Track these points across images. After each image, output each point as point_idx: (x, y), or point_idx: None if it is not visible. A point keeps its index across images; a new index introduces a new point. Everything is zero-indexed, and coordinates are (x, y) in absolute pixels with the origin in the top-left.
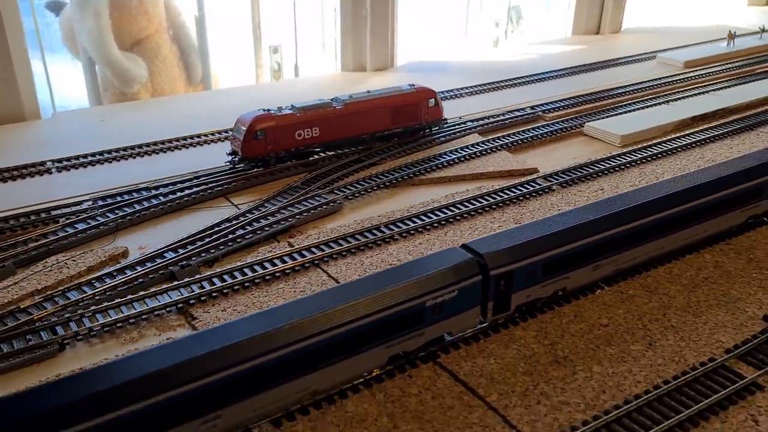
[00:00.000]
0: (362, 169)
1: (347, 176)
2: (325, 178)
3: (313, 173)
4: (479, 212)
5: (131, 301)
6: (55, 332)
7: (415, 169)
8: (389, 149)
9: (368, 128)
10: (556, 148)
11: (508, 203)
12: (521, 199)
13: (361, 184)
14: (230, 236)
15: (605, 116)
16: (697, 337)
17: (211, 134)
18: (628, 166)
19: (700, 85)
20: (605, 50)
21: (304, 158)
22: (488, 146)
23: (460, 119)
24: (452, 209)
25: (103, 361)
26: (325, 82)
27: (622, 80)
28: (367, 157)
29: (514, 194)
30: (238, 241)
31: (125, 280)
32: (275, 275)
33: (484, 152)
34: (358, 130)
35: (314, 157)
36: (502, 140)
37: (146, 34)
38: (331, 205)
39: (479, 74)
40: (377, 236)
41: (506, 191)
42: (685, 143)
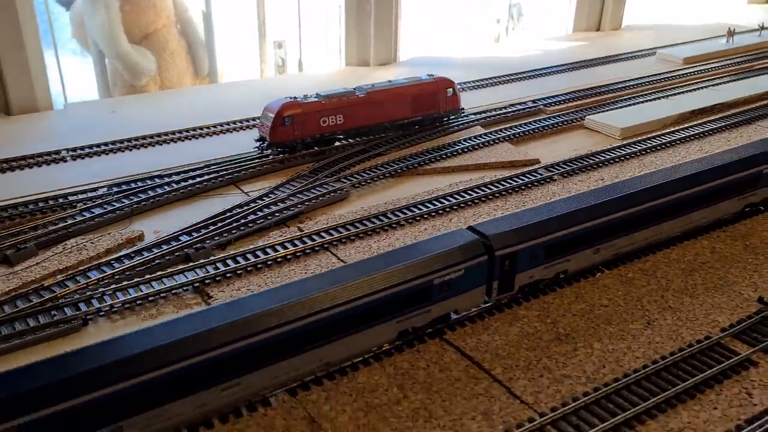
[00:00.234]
0: (368, 159)
1: (353, 166)
2: (332, 167)
3: (320, 163)
4: (482, 200)
5: (149, 280)
6: (78, 308)
7: (419, 159)
8: (394, 140)
9: (389, 116)
10: (557, 140)
11: (510, 192)
12: (523, 188)
13: (367, 173)
14: (242, 221)
15: (606, 110)
16: (693, 317)
17: (219, 125)
18: (628, 157)
19: (699, 80)
20: (605, 47)
21: (327, 144)
22: (491, 138)
23: (462, 112)
24: (456, 197)
25: None
26: (329, 76)
27: (622, 76)
28: (372, 147)
29: (516, 183)
30: (249, 225)
31: (142, 261)
32: (286, 258)
33: (486, 144)
34: (379, 117)
35: (337, 143)
36: (504, 132)
37: (154, 28)
38: (338, 192)
39: (481, 69)
40: (384, 222)
41: (508, 180)
42: (684, 136)
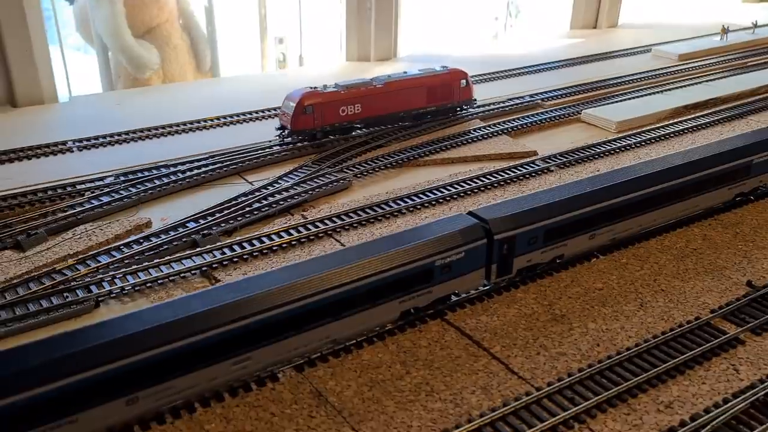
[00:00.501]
0: (369, 150)
1: (355, 156)
2: (334, 158)
3: (322, 154)
4: (481, 190)
5: (158, 264)
6: (89, 291)
7: (420, 150)
8: (394, 133)
9: (405, 106)
10: (554, 133)
11: (508, 182)
12: (521, 178)
13: (368, 163)
14: (247, 209)
15: (602, 104)
16: (684, 299)
17: (222, 118)
18: (623, 149)
19: (693, 76)
20: (602, 43)
21: (346, 133)
22: (490, 131)
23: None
24: (456, 187)
25: None
26: (330, 71)
27: (618, 71)
28: (373, 139)
29: (514, 174)
30: (254, 213)
31: (151, 246)
32: (291, 244)
33: (486, 136)
34: (396, 107)
35: (355, 132)
36: (502, 125)
37: (157, 22)
38: (341, 182)
39: (479, 65)
40: (386, 210)
41: (507, 171)
42: (678, 129)
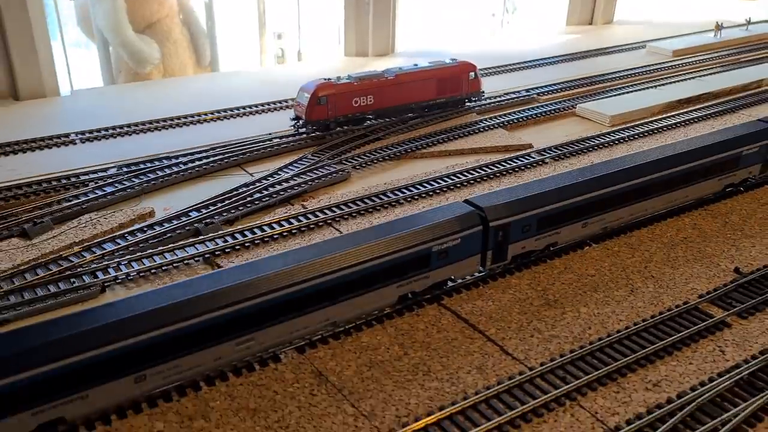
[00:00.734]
0: (368, 143)
1: (354, 149)
2: (333, 150)
3: (321, 146)
4: (478, 181)
5: (162, 252)
6: (95, 276)
7: (417, 143)
8: (392, 126)
9: (416, 97)
10: (549, 126)
11: (504, 174)
12: (516, 170)
13: (366, 156)
14: (248, 199)
15: (596, 99)
16: (674, 285)
17: (221, 111)
18: (616, 142)
19: (687, 71)
20: (597, 40)
21: (358, 124)
22: (486, 124)
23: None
24: (453, 178)
25: None
26: (329, 66)
27: (612, 67)
28: (372, 132)
29: (509, 166)
30: (255, 203)
31: (155, 234)
32: (291, 232)
33: (482, 129)
34: (406, 98)
35: (367, 122)
36: (498, 119)
37: (158, 17)
38: (340, 173)
39: (476, 60)
40: (384, 200)
41: (503, 163)
42: (670, 123)
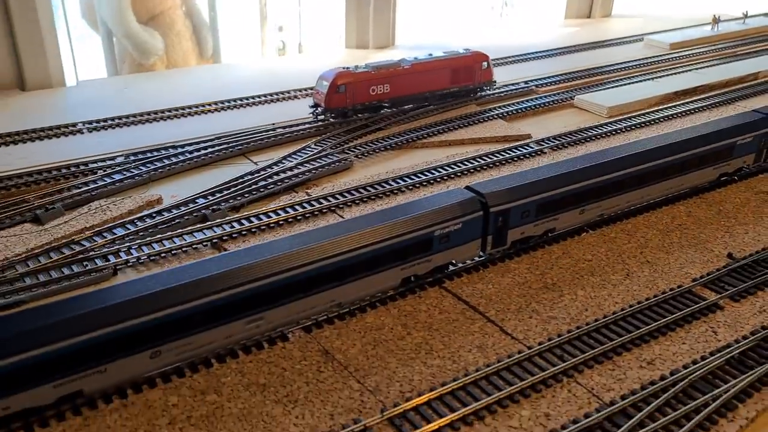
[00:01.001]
0: (369, 133)
1: (356, 139)
2: (335, 139)
3: (323, 136)
4: (477, 170)
5: (171, 237)
6: (107, 260)
7: (418, 133)
8: (393, 116)
9: (430, 86)
10: (548, 117)
11: (503, 163)
12: (515, 159)
13: (369, 145)
14: (253, 187)
15: (594, 90)
16: (668, 269)
17: (225, 102)
18: (614, 133)
19: (684, 64)
20: (595, 32)
21: (375, 111)
22: (485, 115)
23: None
24: (453, 167)
25: None
26: (329, 59)
27: (610, 59)
28: (373, 122)
29: (509, 155)
30: (260, 190)
31: (164, 220)
32: (296, 218)
33: (481, 120)
34: (421, 87)
35: (384, 111)
36: (498, 110)
37: (161, 9)
38: (343, 162)
39: None
40: (386, 188)
41: (502, 153)
42: (667, 114)
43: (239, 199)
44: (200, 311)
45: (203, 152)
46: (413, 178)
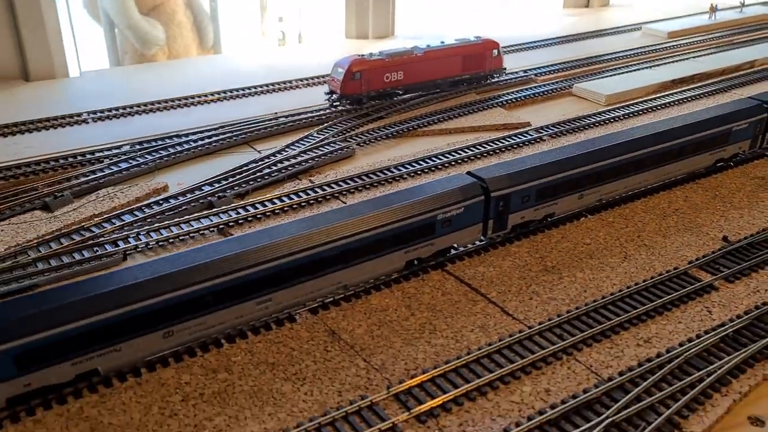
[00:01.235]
0: (370, 122)
1: (357, 127)
2: (337, 128)
3: (325, 125)
4: (478, 157)
5: (178, 223)
6: (117, 245)
7: (419, 121)
8: (394, 105)
9: (442, 73)
10: (546, 106)
11: (503, 150)
12: (515, 147)
13: (370, 133)
14: (257, 174)
15: (593, 79)
16: (665, 252)
17: (226, 92)
18: (612, 120)
19: (681, 52)
20: (594, 22)
21: (389, 98)
22: (485, 104)
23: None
24: (454, 154)
25: None
26: (331, 48)
27: (609, 48)
28: (374, 111)
29: (508, 143)
30: (265, 178)
31: (171, 207)
32: (300, 205)
33: (481, 108)
34: (434, 74)
35: (397, 97)
36: (497, 99)
37: (162, 0)
38: (345, 150)
39: None
40: (388, 175)
41: (502, 140)
42: (664, 102)
43: (244, 186)
44: (211, 292)
45: (207, 141)
46: (414, 165)
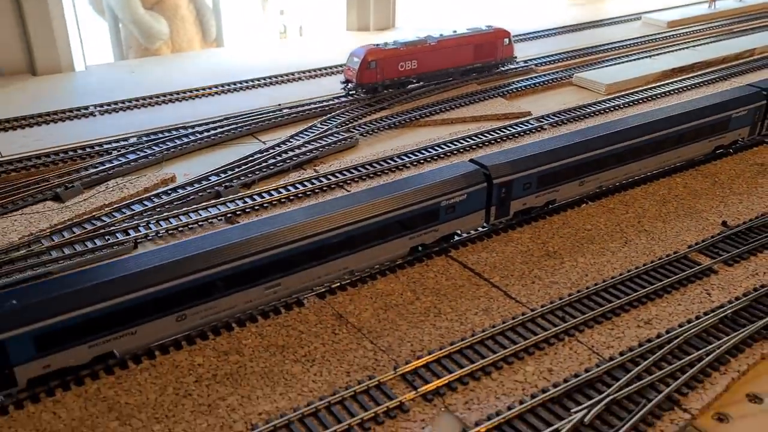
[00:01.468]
0: (373, 112)
1: (360, 118)
2: (340, 118)
3: (328, 115)
4: (479, 146)
5: (187, 212)
6: (128, 234)
7: (421, 111)
8: (397, 96)
9: (455, 62)
10: (547, 95)
11: (504, 139)
12: (516, 136)
13: (373, 124)
14: (263, 165)
15: (592, 68)
16: (665, 237)
17: (230, 84)
18: (612, 109)
19: (681, 42)
20: (594, 12)
21: (403, 87)
22: (486, 94)
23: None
24: (456, 143)
25: None
26: (332, 41)
27: (609, 38)
28: (377, 101)
29: (509, 132)
30: (270, 168)
31: (179, 197)
32: (306, 194)
33: (482, 99)
34: (447, 63)
35: (411, 85)
36: (498, 89)
37: None
38: (348, 140)
39: None
40: (391, 164)
41: (503, 129)
42: (664, 91)
43: (250, 176)
44: (222, 277)
45: (213, 132)
46: (417, 154)
